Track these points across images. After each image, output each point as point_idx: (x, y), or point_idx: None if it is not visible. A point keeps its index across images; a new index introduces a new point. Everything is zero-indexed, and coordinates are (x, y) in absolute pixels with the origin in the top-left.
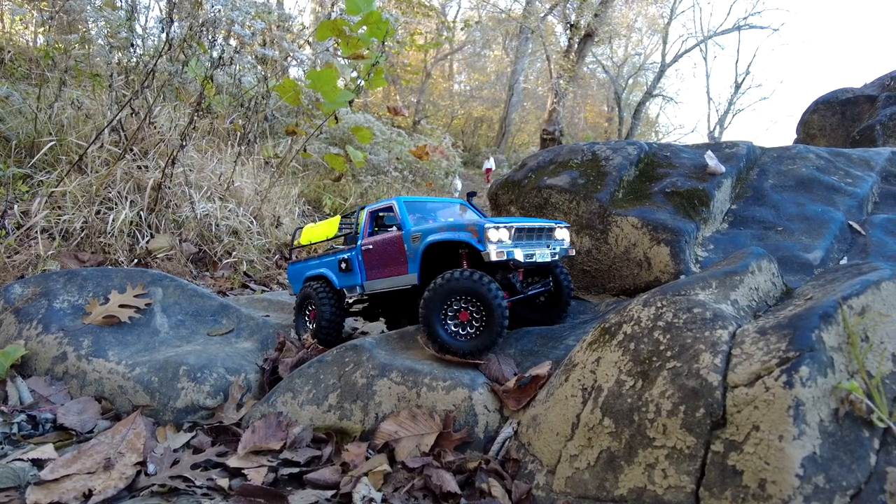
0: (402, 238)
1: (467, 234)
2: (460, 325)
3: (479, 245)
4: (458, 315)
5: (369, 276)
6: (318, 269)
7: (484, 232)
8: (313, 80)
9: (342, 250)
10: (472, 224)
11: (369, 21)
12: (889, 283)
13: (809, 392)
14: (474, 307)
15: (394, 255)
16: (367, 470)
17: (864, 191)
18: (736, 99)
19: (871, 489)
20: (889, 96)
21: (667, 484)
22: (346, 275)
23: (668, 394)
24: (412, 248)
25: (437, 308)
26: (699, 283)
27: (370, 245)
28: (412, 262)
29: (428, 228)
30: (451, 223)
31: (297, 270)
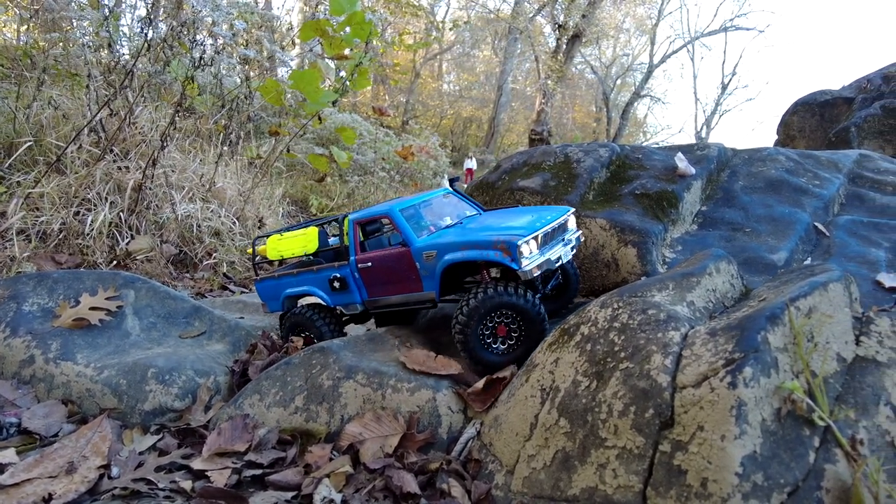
0: (410, 255)
1: (497, 254)
2: (499, 340)
3: (514, 264)
4: (496, 330)
5: (372, 294)
6: (300, 287)
7: (517, 249)
8: (296, 80)
9: (328, 267)
10: (500, 241)
11: (352, 22)
12: (836, 284)
13: (752, 392)
14: (511, 320)
15: (403, 273)
16: (330, 471)
17: (831, 192)
18: (723, 99)
19: (809, 486)
20: (864, 98)
21: (616, 484)
22: (340, 293)
23: (620, 394)
24: (426, 265)
25: (475, 329)
26: (656, 284)
27: (368, 262)
28: (427, 279)
29: (442, 244)
30: (470, 238)
31: (271, 287)
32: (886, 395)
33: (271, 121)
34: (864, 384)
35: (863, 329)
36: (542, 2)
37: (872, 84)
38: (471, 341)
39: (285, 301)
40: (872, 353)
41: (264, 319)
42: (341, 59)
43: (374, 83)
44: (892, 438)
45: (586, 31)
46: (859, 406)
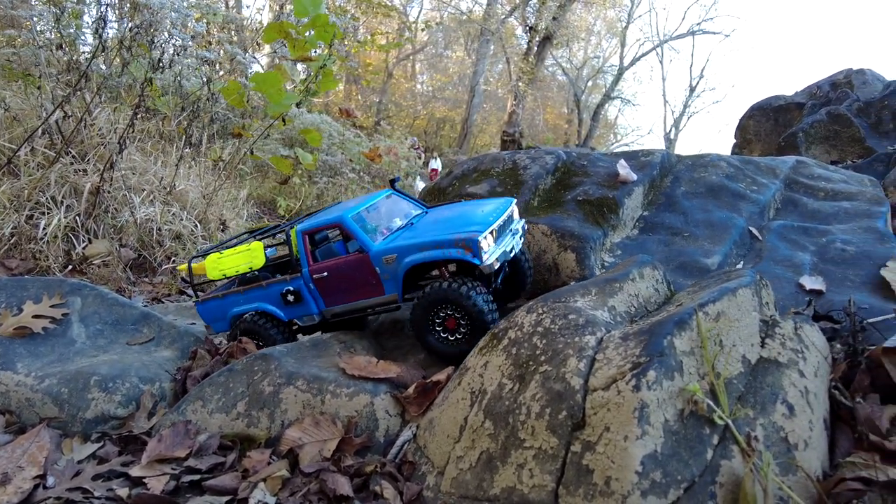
0: (370, 261)
1: (459, 251)
2: (449, 332)
3: (476, 260)
4: (447, 323)
5: (330, 303)
6: (250, 305)
7: (478, 245)
8: (258, 82)
9: (278, 281)
10: (461, 239)
11: (316, 24)
12: (745, 289)
13: (654, 395)
14: (459, 314)
15: (362, 279)
16: (267, 475)
17: (767, 197)
18: (690, 102)
19: (704, 481)
20: (814, 104)
21: (532, 483)
22: (295, 307)
23: (537, 396)
24: (387, 269)
25: (426, 322)
26: (580, 290)
27: (324, 272)
28: (388, 282)
29: (402, 247)
30: (429, 238)
31: (214, 309)
32: (783, 394)
33: (238, 122)
34: (765, 384)
35: (768, 332)
36: (514, 4)
37: (821, 91)
38: (424, 333)
39: (233, 320)
40: (775, 355)
41: None
42: (306, 60)
43: (347, 83)
44: (785, 434)
45: (557, 34)
46: (758, 405)
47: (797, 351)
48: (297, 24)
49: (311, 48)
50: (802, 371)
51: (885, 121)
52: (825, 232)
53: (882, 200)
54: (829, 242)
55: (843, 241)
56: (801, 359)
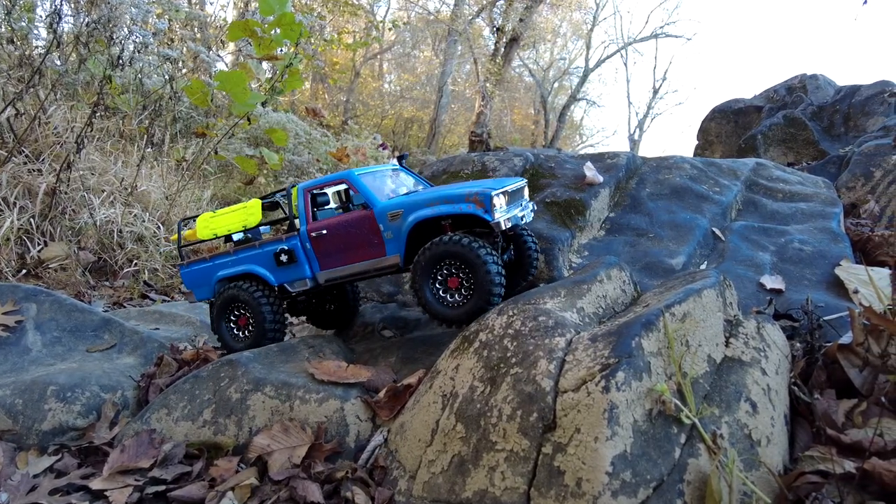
0: (373, 217)
1: (470, 206)
2: (449, 292)
3: (487, 216)
4: (449, 282)
5: (325, 265)
6: (237, 268)
7: (491, 201)
8: (222, 81)
9: (273, 240)
10: (473, 193)
11: (282, 23)
12: (710, 290)
13: (624, 396)
14: (463, 273)
15: (363, 238)
16: (235, 484)
17: (729, 199)
18: (654, 103)
19: (672, 480)
20: (771, 108)
21: (504, 486)
22: (287, 268)
23: (509, 399)
24: (391, 227)
25: (426, 281)
26: (549, 292)
27: (322, 230)
28: (391, 242)
29: (409, 202)
30: (439, 194)
31: (200, 273)
32: (747, 392)
33: (202, 121)
34: (729, 382)
35: (732, 331)
36: (481, 5)
37: (778, 94)
38: (423, 294)
39: (217, 285)
40: (738, 354)
41: (180, 330)
42: (271, 59)
43: (314, 82)
44: (749, 431)
45: (524, 35)
46: (723, 403)
47: (760, 350)
48: (262, 22)
49: (277, 47)
50: (765, 369)
51: (837, 124)
52: (784, 232)
53: (835, 201)
54: (787, 242)
55: (800, 241)
56: (763, 357)
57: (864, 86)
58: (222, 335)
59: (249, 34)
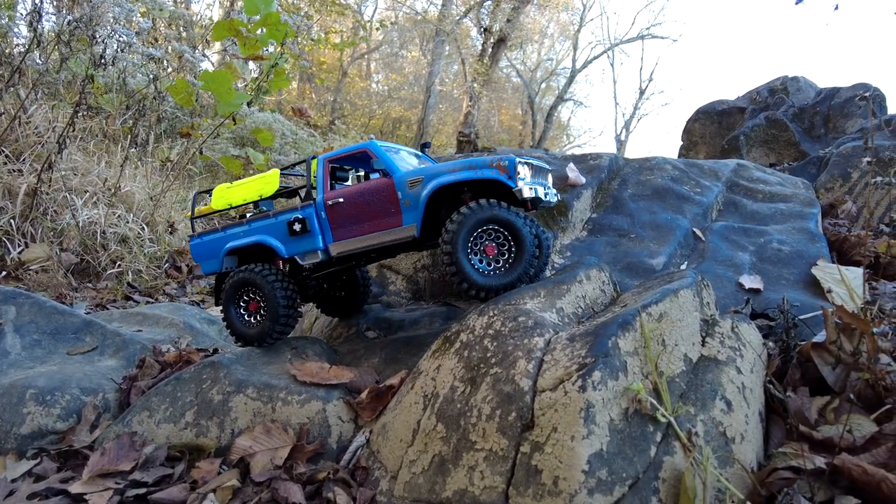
0: (392, 184)
1: (494, 171)
2: (487, 260)
3: (510, 182)
4: (485, 250)
5: (338, 236)
6: (248, 238)
7: (515, 168)
8: (207, 81)
9: (288, 209)
10: (497, 160)
11: (268, 22)
12: (687, 290)
13: (600, 395)
14: (502, 238)
15: (380, 206)
16: (217, 486)
17: (710, 199)
18: (641, 104)
19: (648, 477)
20: (754, 109)
21: (483, 485)
22: (299, 238)
23: (488, 399)
24: (409, 194)
25: (463, 248)
26: (529, 292)
27: (339, 198)
28: (409, 211)
29: (430, 170)
30: (461, 162)
31: (209, 244)
32: (722, 391)
33: (188, 121)
34: (705, 381)
35: (709, 331)
36: (469, 5)
37: (761, 96)
38: (459, 260)
39: (226, 258)
40: (714, 353)
41: (164, 332)
42: (257, 59)
43: (301, 81)
44: (724, 429)
45: (511, 36)
46: (699, 401)
47: (735, 349)
48: (248, 21)
49: (262, 46)
50: (740, 368)
51: (817, 126)
52: (763, 232)
53: (813, 202)
54: (766, 243)
55: (778, 242)
56: (738, 356)
57: (843, 88)
58: (231, 321)
59: (234, 34)
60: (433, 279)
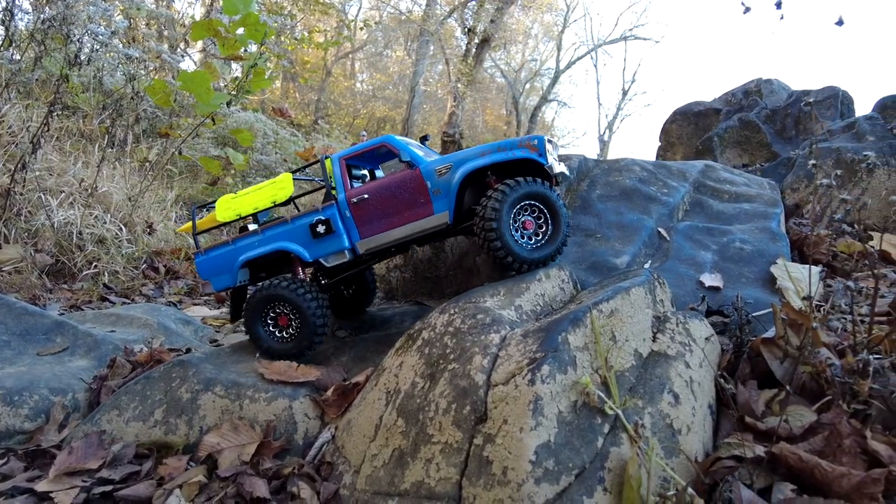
0: (420, 175)
1: (524, 151)
2: (527, 235)
3: (542, 159)
4: (524, 225)
5: (366, 233)
6: (267, 246)
7: (544, 144)
8: (185, 81)
9: (308, 212)
10: (526, 139)
11: (247, 22)
12: (639, 288)
13: (548, 388)
14: (539, 213)
15: (409, 198)
16: (183, 482)
17: (676, 200)
18: (623, 105)
19: (594, 467)
20: (729, 111)
21: (438, 476)
22: (323, 240)
23: (445, 393)
24: (439, 183)
25: (507, 223)
26: (490, 290)
27: (363, 194)
28: (439, 199)
29: (457, 157)
30: (488, 146)
31: (218, 259)
32: (670, 384)
33: (167, 121)
34: (654, 375)
35: (660, 327)
36: (453, 5)
37: (735, 98)
38: (504, 235)
39: (241, 272)
40: (664, 348)
41: (137, 332)
42: (236, 59)
43: (284, 81)
44: (671, 421)
45: (495, 36)
46: (647, 395)
47: (685, 344)
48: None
49: (242, 47)
50: (688, 362)
51: (789, 127)
52: (726, 232)
53: (777, 202)
54: (729, 242)
55: (741, 241)
56: (687, 351)
57: (813, 90)
58: (259, 338)
59: (213, 34)
60: (405, 279)
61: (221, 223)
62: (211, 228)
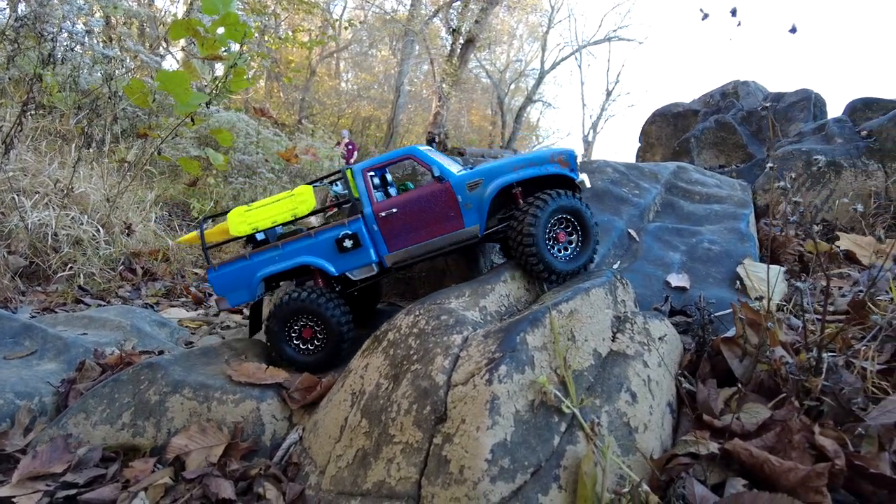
0: (451, 189)
1: (556, 166)
2: (559, 247)
3: (573, 174)
4: (557, 237)
5: (393, 246)
6: (289, 261)
7: (575, 159)
8: (163, 81)
9: (333, 226)
10: (558, 154)
11: (226, 22)
12: (599, 289)
13: (505, 387)
14: (571, 227)
15: (439, 212)
16: (149, 484)
17: (647, 201)
18: (607, 106)
19: (550, 465)
20: (706, 112)
21: (399, 476)
22: (350, 255)
23: (407, 394)
24: (470, 197)
25: (542, 229)
26: (455, 292)
27: (392, 209)
28: (469, 213)
29: (488, 170)
30: (519, 160)
31: (235, 274)
32: (628, 383)
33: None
34: (612, 374)
35: (620, 327)
36: (438, 5)
37: (713, 99)
38: (540, 246)
39: (258, 286)
40: (623, 348)
41: (110, 335)
42: (216, 59)
43: (268, 80)
44: (628, 419)
45: (479, 37)
46: (604, 393)
47: (644, 344)
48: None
49: (222, 46)
50: (647, 362)
51: (764, 129)
52: (696, 233)
53: (746, 203)
54: (697, 243)
55: (709, 241)
56: (646, 350)
57: (787, 93)
58: (283, 351)
59: (192, 33)
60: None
61: (236, 238)
62: (222, 243)
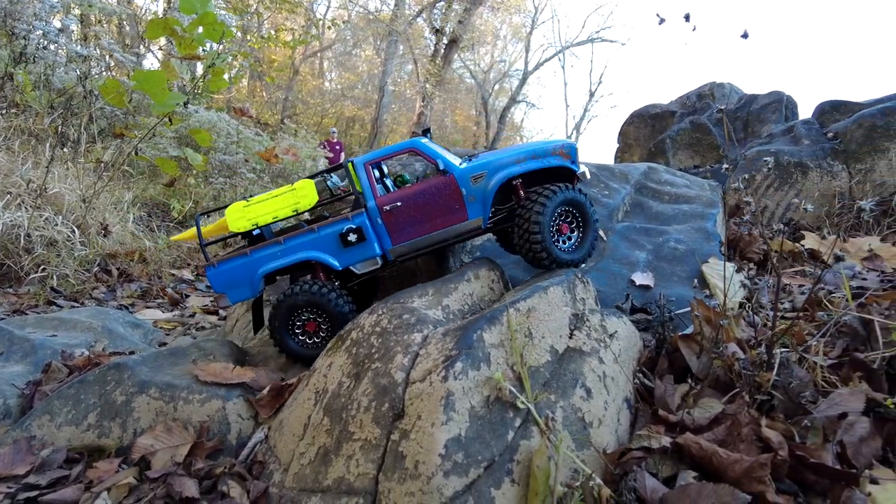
0: (455, 181)
1: (557, 159)
2: (563, 238)
3: (574, 166)
4: (561, 229)
5: (398, 239)
6: (291, 257)
7: (576, 151)
8: (140, 80)
9: (336, 220)
10: (559, 146)
11: (204, 22)
12: (557, 287)
13: (460, 384)
14: (573, 219)
15: (443, 204)
16: (112, 484)
17: (617, 201)
18: (590, 106)
19: (503, 460)
20: (682, 113)
21: (357, 472)
22: (354, 248)
23: (367, 392)
24: (474, 189)
25: (548, 220)
26: (419, 291)
27: (396, 202)
28: (473, 205)
29: (491, 162)
30: (521, 152)
31: (235, 271)
32: (583, 379)
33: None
34: (568, 371)
35: (578, 324)
36: (421, 5)
37: (690, 100)
38: (545, 236)
39: (260, 283)
40: (580, 345)
41: (80, 336)
42: (194, 59)
43: (251, 79)
44: (582, 415)
45: (463, 37)
46: (559, 389)
47: (600, 340)
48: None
49: (199, 46)
50: (602, 358)
51: (738, 130)
52: (663, 232)
53: (714, 203)
54: (664, 242)
55: (676, 241)
56: (602, 347)
57: (760, 95)
58: (286, 345)
59: (170, 33)
60: None
61: (234, 234)
62: (220, 239)
